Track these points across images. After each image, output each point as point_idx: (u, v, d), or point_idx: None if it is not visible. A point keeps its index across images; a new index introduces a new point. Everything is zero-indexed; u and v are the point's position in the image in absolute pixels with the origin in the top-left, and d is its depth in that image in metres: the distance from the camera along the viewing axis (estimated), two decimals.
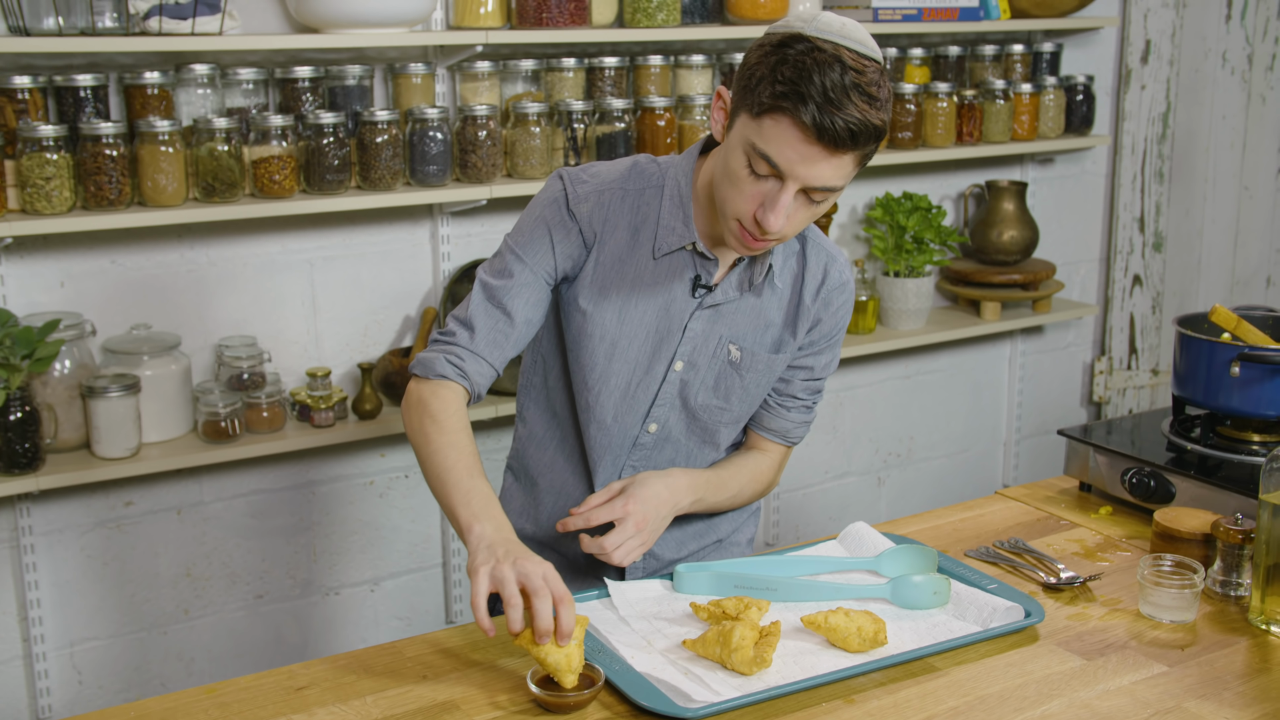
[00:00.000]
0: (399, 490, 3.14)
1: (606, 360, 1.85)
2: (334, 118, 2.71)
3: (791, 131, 1.60)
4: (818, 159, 1.61)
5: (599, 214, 1.81)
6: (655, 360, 1.86)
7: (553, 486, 1.98)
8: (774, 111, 1.60)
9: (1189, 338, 2.19)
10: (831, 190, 1.66)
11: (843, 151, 1.61)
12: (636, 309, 1.83)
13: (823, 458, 3.77)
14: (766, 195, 1.65)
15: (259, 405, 2.79)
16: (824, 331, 1.93)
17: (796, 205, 1.67)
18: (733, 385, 1.90)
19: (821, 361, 1.96)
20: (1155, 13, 4.01)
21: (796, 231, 1.72)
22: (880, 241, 3.54)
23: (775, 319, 1.89)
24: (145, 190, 2.58)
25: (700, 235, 1.82)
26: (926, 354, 3.89)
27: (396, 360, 2.91)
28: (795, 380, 1.95)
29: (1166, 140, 4.13)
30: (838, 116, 1.57)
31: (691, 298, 1.83)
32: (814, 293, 1.89)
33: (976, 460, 4.09)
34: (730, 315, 1.86)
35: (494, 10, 2.87)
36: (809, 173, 1.62)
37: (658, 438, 1.91)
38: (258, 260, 2.88)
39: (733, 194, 1.68)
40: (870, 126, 1.60)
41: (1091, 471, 2.22)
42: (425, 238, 3.05)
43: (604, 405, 1.88)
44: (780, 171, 1.63)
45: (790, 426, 1.98)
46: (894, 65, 3.47)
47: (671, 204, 1.81)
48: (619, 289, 1.82)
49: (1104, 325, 4.23)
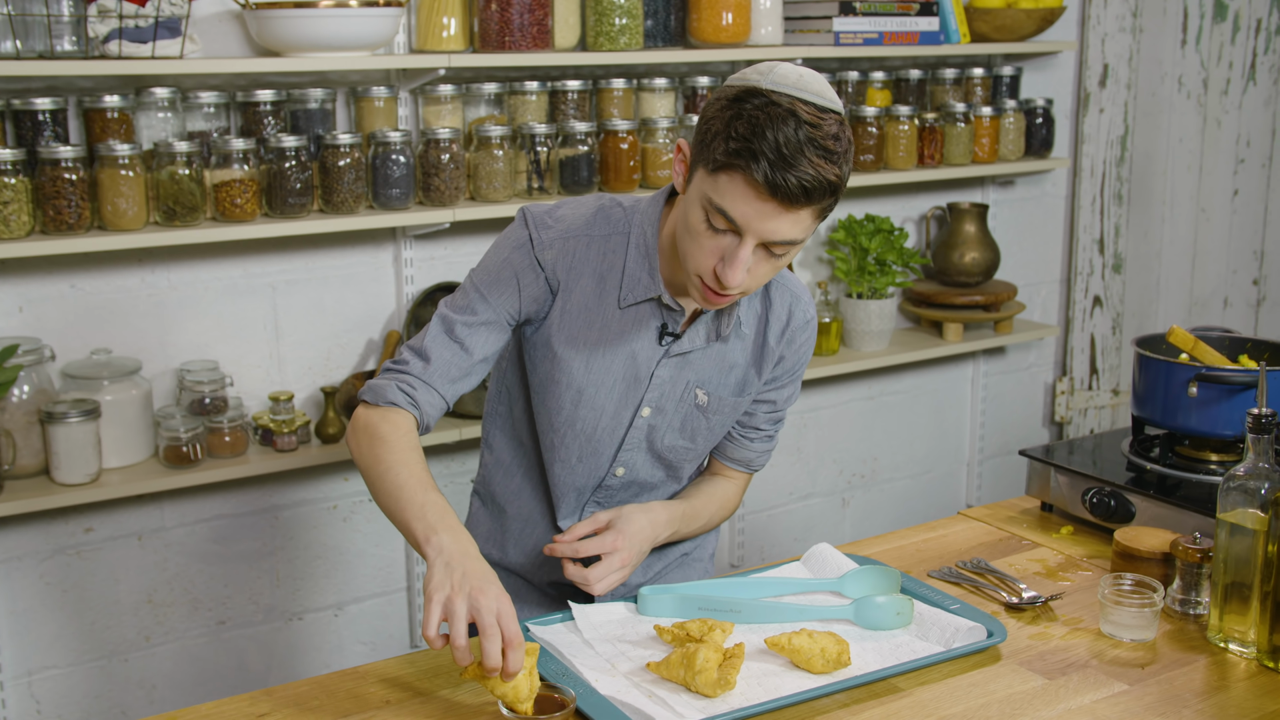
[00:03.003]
0: (363, 514, 3.12)
1: (573, 407, 1.85)
2: (296, 141, 2.70)
3: (746, 189, 1.59)
4: (773, 215, 1.60)
5: (564, 261, 1.80)
6: (622, 408, 1.86)
7: (520, 514, 1.99)
8: (728, 169, 1.59)
9: (1147, 358, 2.22)
10: (791, 244, 1.64)
11: (798, 207, 1.59)
12: (604, 358, 1.83)
13: (787, 479, 3.78)
14: (726, 250, 1.64)
15: (221, 430, 2.77)
16: (787, 368, 1.94)
17: (757, 259, 1.66)
18: (699, 427, 1.91)
19: (784, 395, 1.98)
20: (1113, 37, 4.06)
21: (760, 284, 1.71)
22: (843, 263, 3.56)
23: (739, 361, 1.89)
24: (105, 214, 2.56)
25: (666, 285, 1.81)
26: (890, 375, 3.91)
27: (360, 384, 2.90)
28: (759, 414, 1.97)
29: (1125, 163, 4.18)
30: (790, 174, 1.56)
31: (659, 346, 1.83)
32: (779, 335, 1.90)
33: (940, 481, 4.11)
34: (697, 362, 1.86)
35: (457, 34, 2.88)
36: (765, 228, 1.61)
37: (624, 480, 1.93)
38: (219, 284, 2.87)
39: (693, 249, 1.67)
40: (825, 182, 1.58)
41: (1053, 491, 2.23)
42: (388, 261, 3.05)
43: (569, 448, 1.89)
44: (737, 227, 1.62)
45: (753, 456, 2.01)
46: (855, 88, 3.50)
47: (637, 253, 1.80)
48: (586, 338, 1.82)
49: (1065, 346, 4.26)
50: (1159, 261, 4.37)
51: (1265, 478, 1.72)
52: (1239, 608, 1.74)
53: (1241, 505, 1.73)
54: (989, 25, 3.58)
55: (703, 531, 2.02)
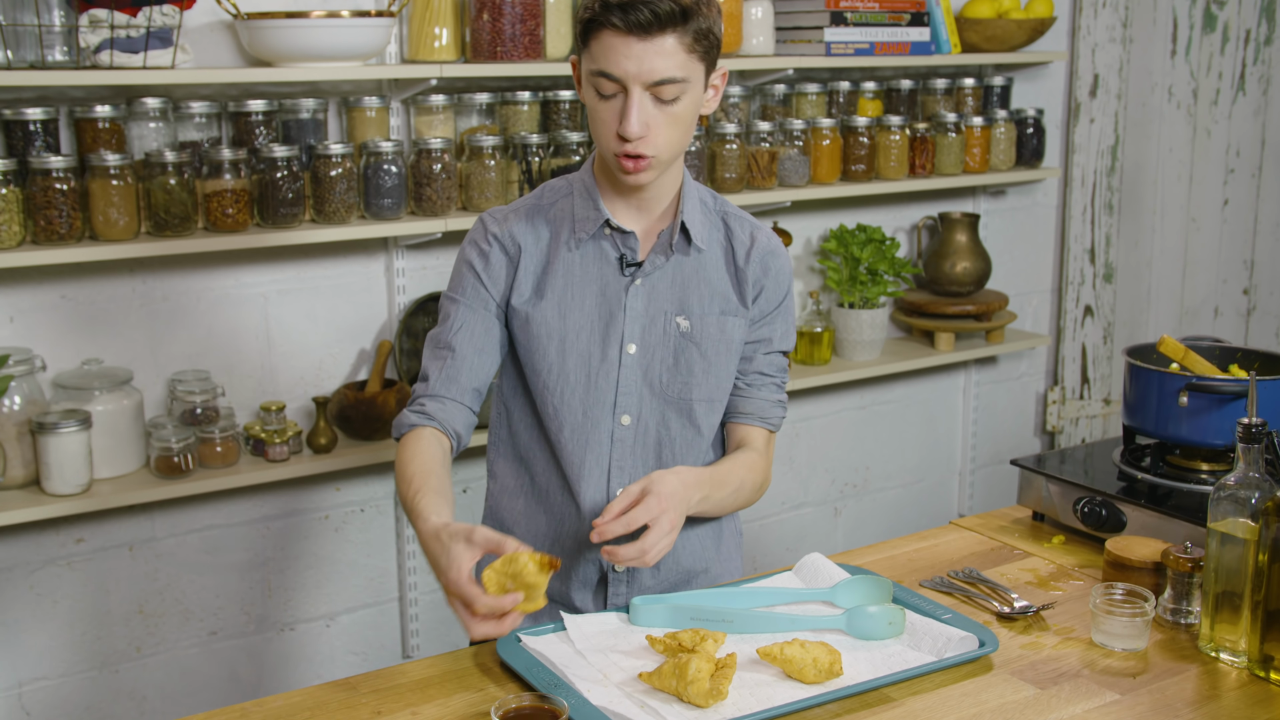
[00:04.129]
0: (354, 524, 3.12)
1: (560, 357, 1.90)
2: (287, 151, 2.70)
3: (609, 38, 1.74)
4: (640, 53, 1.73)
5: (517, 228, 1.93)
6: (607, 345, 1.90)
7: (527, 534, 1.99)
8: (592, 31, 1.76)
9: (1138, 368, 2.22)
10: (671, 81, 1.75)
11: (657, 34, 1.73)
12: (575, 300, 1.91)
13: (779, 488, 3.78)
14: (620, 110, 1.77)
15: (213, 440, 2.77)
16: (770, 298, 1.97)
17: (651, 110, 1.76)
18: (693, 359, 1.92)
19: (777, 332, 1.99)
20: (1103, 48, 4.07)
21: (670, 142, 1.80)
22: (835, 273, 3.57)
23: (717, 285, 1.94)
24: (96, 224, 2.56)
25: (613, 214, 1.91)
26: (881, 385, 3.91)
27: (351, 394, 2.90)
28: (757, 356, 1.98)
29: (1115, 173, 4.19)
30: (639, 3, 1.71)
31: (622, 275, 1.91)
32: (745, 256, 1.96)
33: (932, 490, 4.11)
34: (667, 288, 1.91)
35: (449, 44, 2.88)
36: (640, 68, 1.73)
37: (635, 431, 1.92)
38: (211, 294, 2.86)
39: (599, 129, 1.81)
40: (678, 4, 1.72)
41: (1044, 501, 2.24)
42: (380, 271, 3.05)
43: (570, 404, 1.91)
44: (616, 79, 1.75)
45: (764, 405, 1.99)
46: (847, 98, 3.51)
47: (581, 199, 1.92)
48: (553, 288, 1.91)
49: (1056, 355, 4.27)
50: (1150, 271, 4.38)
51: (1256, 487, 1.73)
52: (1230, 617, 1.74)
53: (1232, 515, 1.74)
54: (980, 36, 3.59)
55: (736, 501, 1.94)
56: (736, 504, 1.96)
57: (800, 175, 3.31)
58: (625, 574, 1.97)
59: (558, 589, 1.98)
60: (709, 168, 3.17)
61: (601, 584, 1.97)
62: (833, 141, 3.36)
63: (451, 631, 3.24)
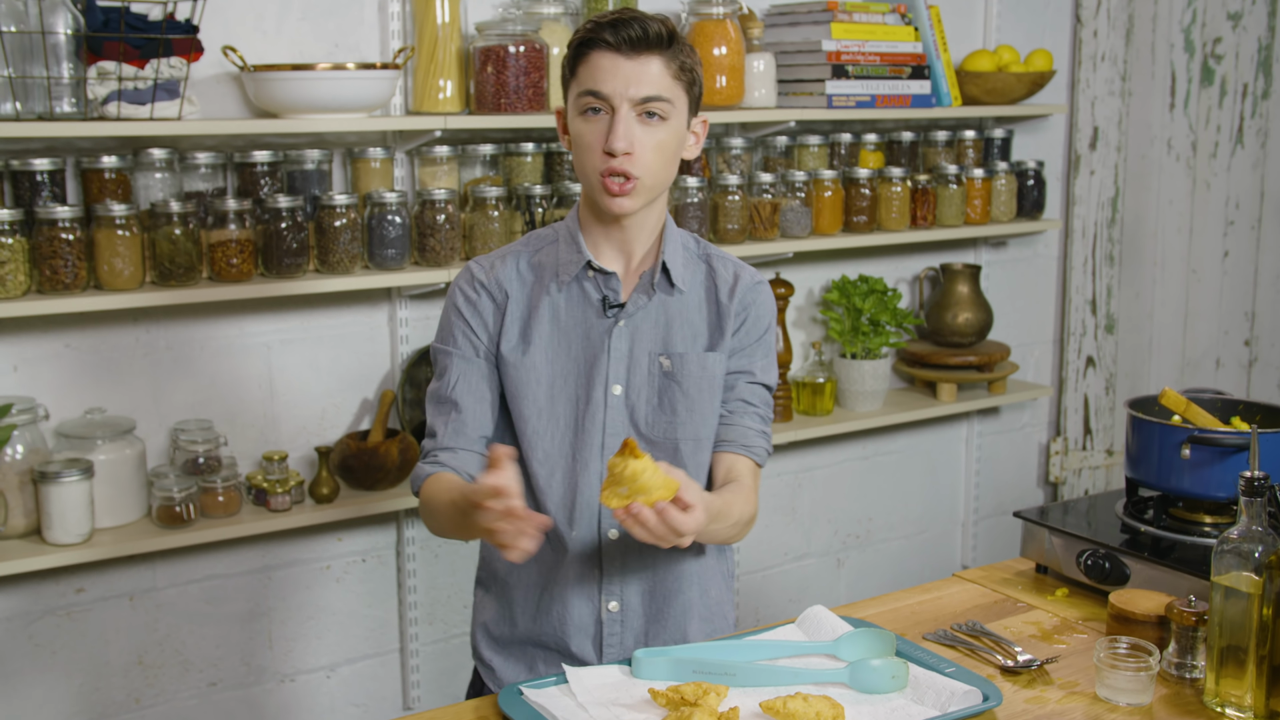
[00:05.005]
0: (356, 575, 3.11)
1: (549, 400, 1.92)
2: (292, 201, 2.72)
3: (598, 57, 1.81)
4: (628, 69, 1.80)
5: (504, 274, 1.96)
6: (593, 387, 1.92)
7: (522, 581, 1.99)
8: (581, 55, 1.83)
9: (1140, 420, 2.22)
10: (658, 99, 1.81)
11: (645, 53, 1.80)
12: (560, 345, 1.93)
13: (782, 539, 3.77)
14: (606, 130, 1.82)
15: (215, 489, 2.76)
16: (750, 330, 1.98)
17: (637, 130, 1.81)
18: (675, 397, 1.93)
19: (758, 364, 1.99)
20: (1102, 100, 4.10)
21: (655, 168, 1.84)
22: (837, 324, 3.57)
23: (697, 324, 1.96)
24: (101, 274, 2.57)
25: (595, 256, 1.94)
26: (884, 435, 3.91)
27: (354, 444, 2.90)
28: (739, 384, 1.99)
29: (1116, 224, 4.21)
30: (629, 20, 1.80)
31: (605, 317, 1.93)
32: (729, 293, 1.98)
33: (934, 541, 4.10)
34: (650, 329, 1.93)
35: (453, 96, 2.90)
36: (626, 85, 1.80)
37: None
38: (214, 343, 2.87)
39: (583, 152, 1.85)
40: (661, 29, 1.81)
41: (1048, 553, 2.23)
42: (383, 321, 3.06)
43: (559, 448, 1.92)
44: (604, 96, 1.81)
45: (746, 433, 1.97)
46: (848, 150, 3.53)
47: (565, 244, 1.95)
48: (539, 332, 1.93)
49: (1058, 406, 4.27)
50: (1151, 322, 4.39)
51: (1259, 541, 1.72)
52: (1235, 671, 1.73)
53: (1236, 568, 1.73)
54: (980, 89, 3.61)
55: (729, 535, 1.90)
56: (728, 538, 1.94)
57: (802, 226, 3.32)
58: (620, 614, 1.96)
59: (553, 635, 1.97)
60: (711, 219, 3.19)
61: (597, 626, 1.96)
62: (834, 193, 3.38)
63: (452, 683, 3.22)
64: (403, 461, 2.90)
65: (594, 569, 1.95)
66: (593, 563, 1.95)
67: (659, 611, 1.99)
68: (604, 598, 1.96)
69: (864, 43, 3.34)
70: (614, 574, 1.96)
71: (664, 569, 1.98)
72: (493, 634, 2.03)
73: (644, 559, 1.97)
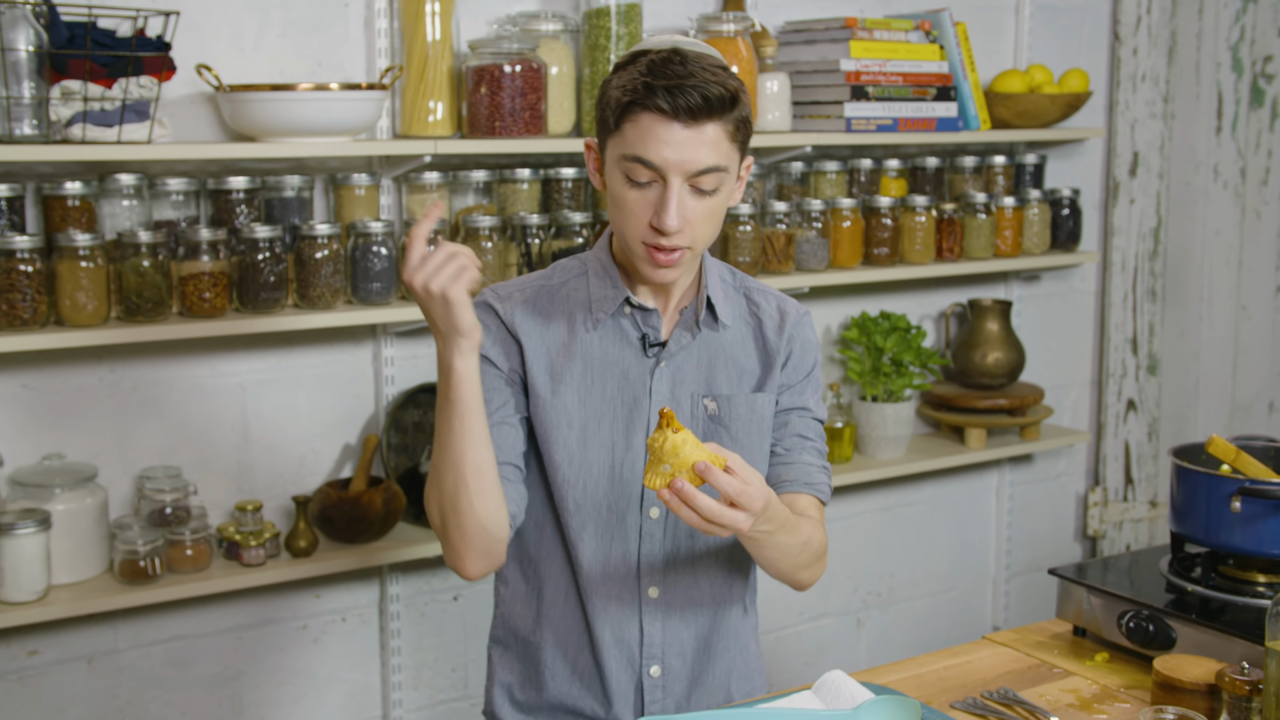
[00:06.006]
0: (335, 635, 3.09)
1: (581, 447, 1.90)
2: (270, 231, 2.72)
3: (650, 123, 1.75)
4: (684, 140, 1.75)
5: (520, 311, 1.93)
6: (631, 434, 1.90)
7: (551, 641, 1.97)
8: (629, 113, 1.77)
9: (1186, 470, 2.21)
10: (714, 170, 1.77)
11: (703, 121, 1.75)
12: (595, 386, 1.91)
13: (797, 597, 3.75)
14: (655, 201, 1.78)
15: (183, 542, 2.75)
16: (799, 366, 1.99)
17: (689, 201, 1.78)
18: (723, 441, 1.93)
19: (811, 399, 2.01)
20: (1143, 124, 4.11)
21: (705, 236, 1.82)
22: (856, 364, 3.57)
23: (744, 362, 1.96)
24: (63, 309, 2.57)
25: (633, 293, 1.92)
26: (907, 485, 3.90)
27: (334, 493, 2.89)
28: (793, 420, 1.99)
29: (1158, 257, 4.21)
30: (686, 87, 1.73)
31: (646, 357, 1.91)
32: (777, 330, 1.98)
33: (963, 600, 4.08)
34: (693, 369, 1.92)
35: (444, 119, 2.91)
36: (682, 157, 1.75)
37: (665, 525, 1.92)
38: (185, 384, 2.87)
39: (626, 218, 1.81)
40: (724, 90, 1.75)
41: (1086, 614, 2.21)
42: (367, 360, 3.05)
43: (592, 498, 1.90)
44: (655, 167, 1.76)
45: (809, 470, 1.97)
46: (869, 177, 3.54)
47: (597, 279, 1.93)
48: (571, 372, 1.91)
49: (1097, 454, 4.25)
50: (1197, 362, 4.38)
51: None
52: None
53: None
54: (1011, 111, 3.62)
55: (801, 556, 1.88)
56: (799, 559, 1.90)
57: (819, 259, 3.33)
58: (661, 680, 1.96)
59: (589, 703, 1.97)
60: (722, 251, 3.19)
61: (637, 693, 1.95)
62: (853, 223, 3.38)
63: None
64: (387, 512, 2.89)
65: (633, 630, 1.94)
66: (631, 623, 1.94)
67: (702, 673, 1.99)
68: (645, 662, 1.95)
69: (885, 62, 3.36)
70: (655, 635, 1.95)
71: (709, 626, 1.99)
72: (516, 698, 2.02)
73: (686, 617, 1.96)
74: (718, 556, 1.98)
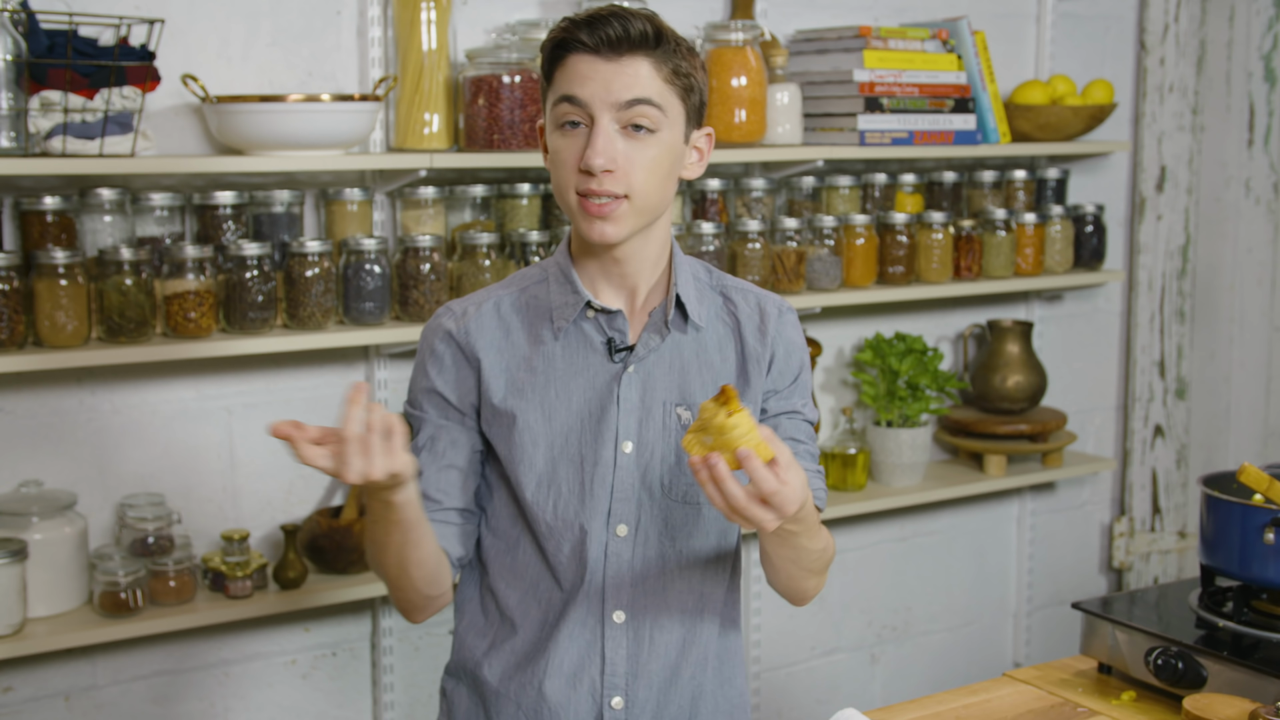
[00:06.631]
0: (325, 670, 3.09)
1: (548, 465, 1.88)
2: (259, 248, 2.73)
3: (575, 61, 1.79)
4: (608, 74, 1.77)
5: (476, 325, 1.91)
6: (600, 446, 1.87)
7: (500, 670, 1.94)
8: (558, 60, 1.80)
9: (1216, 500, 2.20)
10: (644, 102, 1.77)
11: (625, 54, 1.77)
12: (560, 400, 1.88)
13: (808, 631, 3.74)
14: (585, 142, 1.78)
15: (166, 573, 2.75)
16: (785, 369, 1.96)
17: (619, 141, 1.78)
18: None
19: (799, 401, 1.98)
20: (1170, 137, 4.11)
21: (646, 187, 1.80)
22: (870, 387, 3.57)
23: (720, 368, 1.92)
24: (41, 329, 2.57)
25: (595, 296, 1.90)
26: (924, 514, 3.89)
27: (325, 522, 2.89)
28: (783, 423, 1.96)
29: (1187, 276, 4.21)
30: (608, 18, 1.76)
31: (612, 362, 1.89)
32: (755, 332, 1.95)
33: (982, 635, 4.07)
34: (665, 375, 1.89)
35: (440, 131, 2.91)
36: (608, 91, 1.77)
37: (633, 544, 1.89)
38: (169, 408, 2.87)
39: (560, 171, 1.81)
40: (646, 26, 1.77)
41: (1111, 650, 2.21)
42: None
43: (561, 518, 1.88)
44: (581, 103, 1.78)
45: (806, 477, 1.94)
46: (883, 193, 3.54)
47: (557, 284, 1.91)
48: (534, 386, 1.89)
49: (1123, 482, 4.25)
50: (1228, 386, 4.37)
51: None
52: None
53: None
54: (1032, 124, 3.63)
55: (819, 561, 1.87)
56: (812, 566, 1.88)
57: (831, 278, 3.33)
58: (624, 712, 1.92)
59: None
60: (729, 269, 3.19)
61: None
62: (867, 240, 3.38)
63: None
64: None
65: (594, 657, 1.91)
66: (593, 650, 1.91)
67: (670, 705, 1.95)
68: (606, 693, 1.92)
69: (901, 72, 3.36)
70: (618, 663, 1.92)
71: (678, 654, 1.94)
72: None
73: (655, 643, 1.92)
74: (690, 577, 1.94)
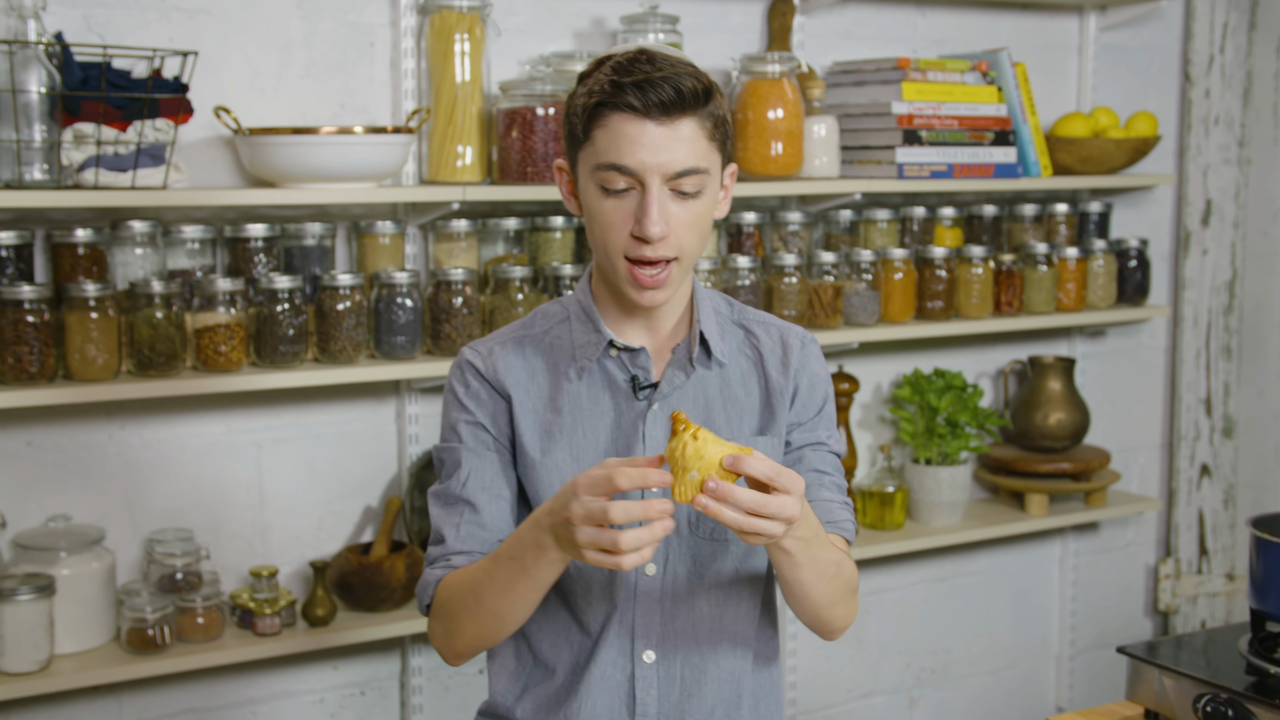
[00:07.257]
0: (353, 709, 3.08)
1: None
2: (290, 281, 2.74)
3: (622, 124, 1.75)
4: (659, 139, 1.74)
5: (503, 363, 1.91)
6: None
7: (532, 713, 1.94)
8: (598, 117, 1.76)
9: (1265, 542, 2.18)
10: (695, 172, 1.76)
11: (677, 117, 1.74)
12: (586, 440, 1.89)
13: (845, 673, 3.72)
14: (634, 209, 1.77)
15: (194, 610, 2.76)
16: (809, 401, 1.96)
17: (670, 205, 1.77)
18: None
19: (824, 432, 1.98)
20: (1216, 169, 4.09)
21: (691, 246, 1.80)
22: (909, 425, 3.55)
23: (745, 402, 1.92)
24: (72, 362, 2.59)
25: (617, 335, 1.90)
26: (963, 554, 3.87)
27: (354, 558, 2.89)
28: (807, 455, 1.95)
29: (1234, 312, 4.18)
30: (657, 80, 1.73)
31: (637, 400, 1.89)
32: (779, 365, 1.94)
33: (1024, 678, 4.04)
34: (689, 411, 1.89)
35: (473, 164, 2.93)
36: (659, 158, 1.74)
37: (662, 582, 1.89)
38: (198, 442, 2.88)
39: (605, 232, 1.80)
40: (696, 83, 1.75)
41: (1159, 697, 2.18)
42: (390, 417, 3.06)
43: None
44: (631, 172, 1.75)
45: (830, 508, 1.94)
46: (922, 226, 3.53)
47: (579, 324, 1.91)
48: (560, 428, 1.89)
49: (1169, 522, 4.21)
50: (1277, 425, 4.34)
51: None
52: None
53: None
54: (1074, 157, 3.62)
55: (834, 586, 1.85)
56: (833, 587, 1.86)
57: (869, 313, 3.32)
58: None
59: None
60: (765, 304, 3.19)
61: None
62: (906, 275, 3.37)
63: None
64: (409, 579, 2.89)
65: (626, 697, 1.90)
66: (622, 691, 1.90)
67: None
68: None
69: (940, 104, 3.36)
70: (649, 705, 1.91)
71: (714, 696, 1.93)
72: None
73: (686, 685, 1.92)
74: (721, 615, 1.93)
